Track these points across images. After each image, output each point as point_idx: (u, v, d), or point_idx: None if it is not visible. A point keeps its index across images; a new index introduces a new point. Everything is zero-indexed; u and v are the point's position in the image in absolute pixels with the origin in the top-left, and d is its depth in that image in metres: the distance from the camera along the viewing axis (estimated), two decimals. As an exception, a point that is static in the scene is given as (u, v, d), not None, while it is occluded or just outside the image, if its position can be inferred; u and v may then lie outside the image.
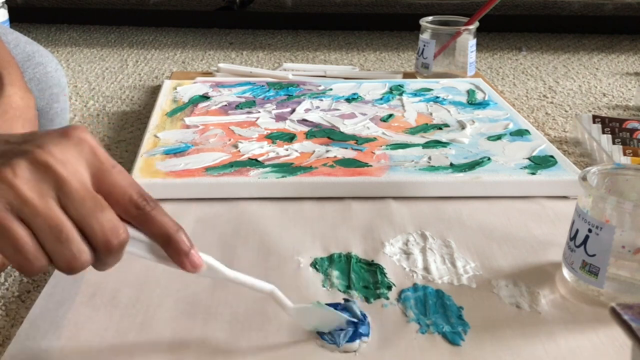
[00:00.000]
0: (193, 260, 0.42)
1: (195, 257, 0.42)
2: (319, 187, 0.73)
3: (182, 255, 0.42)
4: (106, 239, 0.39)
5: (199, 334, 0.51)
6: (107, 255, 0.40)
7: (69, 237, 0.38)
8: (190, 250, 0.42)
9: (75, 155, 0.39)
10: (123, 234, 0.39)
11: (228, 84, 1.06)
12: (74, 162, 0.39)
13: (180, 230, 0.42)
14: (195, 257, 0.42)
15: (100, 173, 0.40)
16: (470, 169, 0.76)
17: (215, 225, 0.67)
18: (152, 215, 0.41)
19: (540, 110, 1.11)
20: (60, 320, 0.52)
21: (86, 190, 0.39)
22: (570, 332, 0.51)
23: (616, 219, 0.52)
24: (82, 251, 0.38)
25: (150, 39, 1.59)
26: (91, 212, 0.38)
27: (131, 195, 0.40)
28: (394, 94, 1.01)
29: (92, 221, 0.38)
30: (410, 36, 1.57)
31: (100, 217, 0.38)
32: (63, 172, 0.38)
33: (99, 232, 0.39)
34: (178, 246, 0.41)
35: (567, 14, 1.82)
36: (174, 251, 0.42)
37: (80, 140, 0.39)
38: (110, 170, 0.40)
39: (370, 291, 0.56)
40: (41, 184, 0.37)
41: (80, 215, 0.38)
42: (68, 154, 0.38)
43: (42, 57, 0.78)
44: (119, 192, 0.40)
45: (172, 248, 0.42)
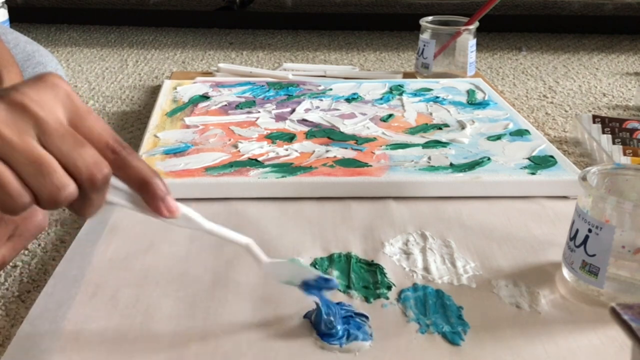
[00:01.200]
0: (169, 204, 0.42)
1: (171, 202, 0.42)
2: (319, 187, 0.73)
3: (157, 199, 0.42)
4: (90, 173, 0.38)
5: (198, 334, 0.51)
6: (92, 190, 0.39)
7: (51, 169, 0.37)
8: (166, 195, 0.42)
9: (52, 98, 0.39)
10: (106, 169, 0.39)
11: (228, 84, 1.06)
12: (50, 103, 0.38)
13: (156, 176, 0.42)
14: (171, 202, 0.42)
15: (76, 117, 0.39)
16: (470, 169, 0.76)
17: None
18: (129, 160, 0.40)
19: (540, 110, 1.11)
20: (60, 320, 0.52)
21: (64, 128, 0.38)
22: (570, 332, 0.51)
23: (616, 219, 0.52)
24: (65, 183, 0.38)
25: (150, 39, 1.59)
26: (72, 148, 0.38)
27: (107, 140, 0.40)
28: (394, 94, 1.01)
29: (74, 156, 0.38)
30: (410, 36, 1.57)
31: (83, 152, 0.38)
32: (40, 112, 0.37)
33: (82, 166, 0.38)
34: (154, 190, 0.41)
35: (567, 14, 1.82)
36: (150, 196, 0.42)
37: (55, 84, 0.39)
38: (86, 115, 0.40)
39: (370, 291, 0.56)
40: (19, 123, 0.37)
41: (62, 151, 0.38)
42: (44, 95, 0.38)
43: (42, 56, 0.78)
44: (95, 136, 0.39)
45: (149, 192, 0.41)
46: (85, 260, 0.60)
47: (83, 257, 0.61)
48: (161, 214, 0.42)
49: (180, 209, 0.44)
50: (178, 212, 0.43)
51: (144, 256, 0.61)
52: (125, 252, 0.62)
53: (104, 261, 0.60)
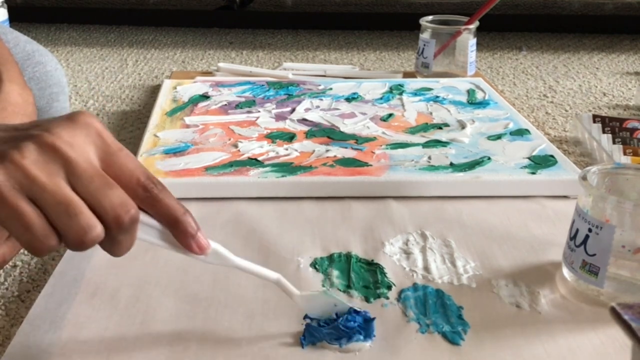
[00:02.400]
0: (200, 242, 0.43)
1: (201, 239, 0.43)
2: (319, 187, 0.73)
3: (189, 237, 0.42)
4: (116, 214, 0.38)
5: (198, 334, 0.51)
6: (119, 232, 0.39)
7: (78, 211, 0.37)
8: (197, 232, 0.43)
9: (83, 138, 0.39)
10: (133, 210, 0.39)
11: (228, 83, 1.06)
12: (81, 144, 0.39)
13: (187, 213, 0.42)
14: (202, 239, 0.43)
15: (107, 156, 0.40)
16: (470, 168, 0.76)
17: (215, 225, 0.67)
18: (160, 198, 0.41)
19: (540, 109, 1.11)
20: (60, 320, 0.52)
21: (94, 169, 0.39)
22: (570, 332, 0.51)
23: (616, 219, 0.52)
24: (92, 225, 0.38)
25: (150, 38, 1.59)
26: (100, 189, 0.38)
27: (139, 177, 0.40)
28: (394, 94, 1.01)
29: (101, 198, 0.38)
30: (410, 36, 1.57)
31: (110, 194, 0.38)
32: (71, 153, 0.38)
33: (109, 207, 0.38)
34: (185, 228, 0.42)
35: (567, 13, 1.82)
36: (181, 233, 0.42)
37: (86, 124, 0.40)
38: (117, 152, 0.40)
39: (370, 291, 0.56)
40: (49, 164, 0.37)
41: (89, 192, 0.38)
42: (75, 136, 0.39)
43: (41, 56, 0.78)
44: (127, 174, 0.40)
45: (179, 230, 0.42)
46: (85, 260, 0.60)
47: (83, 257, 0.61)
48: (192, 252, 0.43)
49: (211, 245, 0.44)
50: (209, 249, 0.44)
51: (144, 256, 0.61)
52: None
53: (103, 261, 0.60)
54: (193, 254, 0.43)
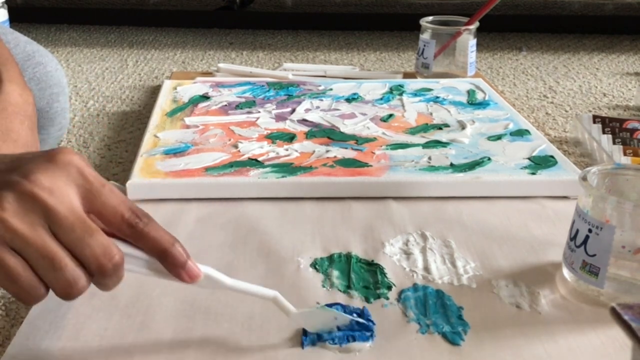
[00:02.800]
0: (190, 272, 0.43)
1: (192, 268, 0.43)
2: (319, 187, 0.73)
3: (178, 267, 0.42)
4: (99, 264, 0.39)
5: (198, 334, 0.51)
6: (103, 278, 0.40)
7: (62, 265, 0.38)
8: (187, 262, 0.42)
9: (63, 180, 0.39)
10: (116, 256, 0.40)
11: (228, 84, 1.06)
12: (61, 188, 0.38)
13: (175, 244, 0.42)
14: (192, 268, 0.43)
15: (90, 195, 0.39)
16: (470, 169, 0.76)
17: (215, 225, 0.67)
18: (146, 232, 0.41)
19: (540, 110, 1.11)
20: (60, 320, 0.52)
21: (75, 216, 0.38)
22: (570, 332, 0.51)
23: (616, 219, 0.52)
24: (77, 277, 0.39)
25: (150, 39, 1.59)
26: (81, 238, 0.38)
27: (123, 213, 0.40)
28: (394, 94, 1.01)
29: (83, 247, 0.38)
30: (410, 36, 1.57)
31: (91, 243, 0.39)
32: (50, 201, 0.38)
33: (91, 257, 0.39)
34: (174, 260, 0.42)
35: (567, 14, 1.82)
36: (171, 265, 0.42)
37: (66, 163, 0.39)
38: (100, 190, 0.40)
39: (370, 291, 0.56)
40: (30, 214, 0.37)
41: (71, 242, 0.38)
42: (55, 180, 0.38)
43: (42, 56, 0.78)
44: (111, 211, 0.40)
45: (169, 262, 0.42)
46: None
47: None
48: (183, 281, 0.43)
49: (202, 270, 0.44)
50: (200, 277, 0.43)
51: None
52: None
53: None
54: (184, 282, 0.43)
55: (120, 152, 0.93)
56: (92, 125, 1.03)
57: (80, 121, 1.04)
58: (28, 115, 0.60)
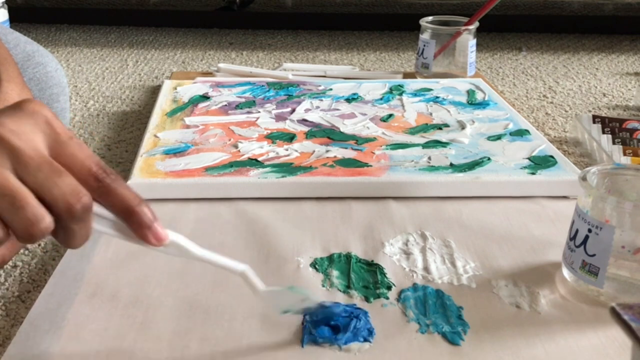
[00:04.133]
0: (156, 232, 0.41)
1: (158, 230, 0.41)
2: (319, 187, 0.73)
3: (144, 228, 0.40)
4: (67, 203, 0.37)
5: (198, 334, 0.51)
6: (71, 221, 0.38)
7: (23, 203, 0.36)
8: (153, 223, 0.40)
9: (30, 127, 0.38)
10: (85, 198, 0.37)
11: (228, 84, 1.06)
12: (28, 133, 0.37)
13: (142, 203, 0.40)
14: (159, 230, 0.41)
15: (56, 144, 0.38)
16: (470, 169, 0.76)
17: (215, 225, 0.67)
18: (113, 188, 0.39)
19: (540, 110, 1.11)
20: (60, 320, 0.52)
21: (42, 157, 0.37)
22: (570, 332, 0.51)
23: (616, 219, 0.52)
24: (40, 215, 0.36)
25: (150, 39, 1.59)
26: (48, 178, 0.37)
27: (90, 166, 0.38)
28: (394, 94, 1.01)
29: (50, 186, 0.37)
30: (410, 36, 1.57)
31: (59, 182, 0.37)
32: (16, 142, 0.36)
33: (59, 196, 0.37)
34: (140, 219, 0.40)
35: (567, 14, 1.82)
36: (136, 224, 0.40)
37: (34, 111, 0.38)
38: (67, 141, 0.38)
39: (370, 291, 0.56)
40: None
41: (38, 182, 0.36)
42: (22, 125, 0.37)
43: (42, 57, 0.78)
44: (77, 163, 0.38)
45: (134, 221, 0.40)
46: (85, 260, 0.60)
47: (83, 256, 0.61)
48: (149, 243, 0.41)
49: (170, 236, 0.42)
50: (166, 240, 0.41)
51: (144, 256, 0.61)
52: (125, 251, 0.62)
53: (104, 261, 0.60)
54: (150, 245, 0.41)
55: (120, 152, 0.93)
56: (92, 125, 1.03)
57: (80, 121, 1.04)
58: None
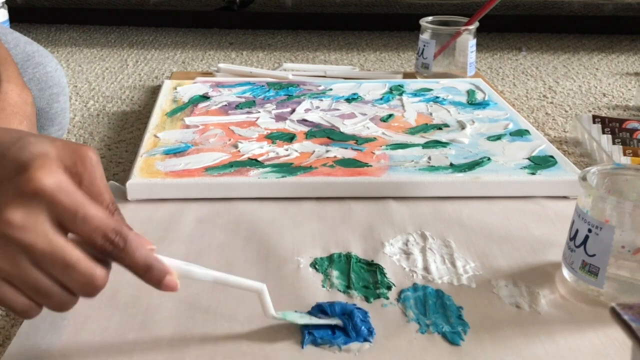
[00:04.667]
0: (168, 285, 0.44)
1: (169, 284, 0.44)
2: (319, 187, 0.73)
3: (157, 284, 0.43)
4: (84, 292, 0.41)
5: (198, 334, 0.51)
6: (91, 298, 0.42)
7: (50, 293, 0.40)
8: (162, 282, 0.43)
9: (34, 213, 0.38)
10: (99, 283, 0.41)
11: (228, 84, 1.06)
12: (34, 222, 0.38)
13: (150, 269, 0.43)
14: (170, 284, 0.44)
15: (65, 220, 0.39)
16: (470, 169, 0.76)
17: (215, 225, 0.67)
18: (121, 257, 0.41)
19: (540, 110, 1.11)
20: (60, 320, 0.52)
21: (52, 250, 0.39)
22: (570, 332, 0.51)
23: (616, 219, 0.52)
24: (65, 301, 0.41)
25: (150, 39, 1.59)
26: (63, 273, 0.39)
27: (95, 241, 0.40)
28: (394, 94, 1.01)
29: (66, 280, 0.40)
30: (410, 36, 1.57)
31: (73, 275, 0.40)
32: (26, 239, 0.38)
33: (76, 288, 0.41)
34: (150, 281, 0.43)
35: (567, 14, 1.82)
36: (150, 282, 0.43)
37: (36, 193, 0.38)
38: (71, 220, 0.39)
39: (370, 291, 0.56)
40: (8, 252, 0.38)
41: (54, 275, 0.40)
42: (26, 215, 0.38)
43: (42, 57, 0.78)
44: (88, 235, 0.40)
45: (147, 280, 0.43)
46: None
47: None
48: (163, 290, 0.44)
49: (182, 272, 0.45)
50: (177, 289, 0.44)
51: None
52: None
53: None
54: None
55: (120, 152, 0.93)
56: (92, 125, 1.03)
57: (80, 121, 1.04)
58: (27, 116, 0.59)
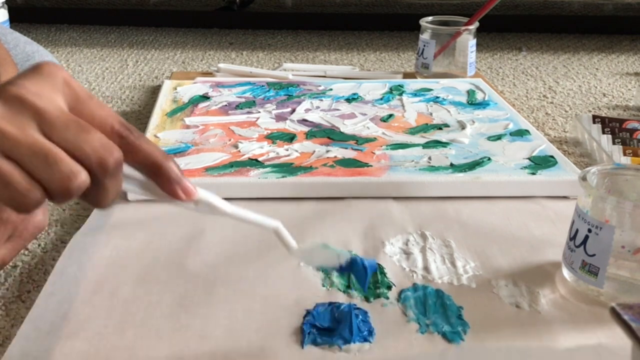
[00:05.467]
0: (186, 187, 0.41)
1: (187, 184, 0.41)
2: (319, 188, 0.73)
3: (172, 182, 0.40)
4: (100, 158, 0.36)
5: (198, 332, 0.51)
6: (104, 176, 0.37)
7: (57, 158, 0.36)
8: (181, 177, 0.40)
9: (49, 87, 0.37)
10: (116, 152, 0.37)
11: (228, 84, 1.06)
12: (48, 93, 0.37)
13: (169, 158, 0.40)
14: (188, 184, 0.41)
15: (77, 103, 0.38)
16: (470, 169, 0.76)
17: (215, 225, 0.67)
18: (138, 144, 0.39)
19: (540, 110, 1.11)
20: (60, 320, 0.52)
21: (67, 115, 0.37)
22: (570, 332, 0.51)
23: (616, 219, 0.52)
24: (76, 171, 0.36)
25: (150, 39, 1.59)
26: (77, 135, 0.36)
27: (112, 124, 0.38)
28: (394, 94, 1.01)
29: (81, 143, 0.36)
30: (410, 36, 1.57)
31: (89, 138, 0.36)
32: (39, 103, 0.36)
33: (91, 152, 0.36)
34: (168, 174, 0.40)
35: (567, 14, 1.82)
36: (165, 179, 0.40)
37: (52, 73, 0.38)
38: (87, 100, 0.38)
39: (370, 291, 0.56)
40: (19, 117, 0.36)
41: (67, 140, 0.36)
42: (41, 86, 0.37)
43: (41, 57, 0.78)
44: (100, 121, 0.38)
45: (162, 176, 0.40)
46: (84, 257, 0.60)
47: (82, 254, 0.61)
48: (178, 198, 0.41)
49: (199, 192, 0.42)
50: (195, 195, 0.41)
51: (144, 254, 0.61)
52: (125, 249, 0.62)
53: (104, 259, 0.60)
54: (179, 200, 0.41)
55: (120, 152, 0.92)
56: (92, 125, 1.03)
57: (80, 121, 1.04)
58: None
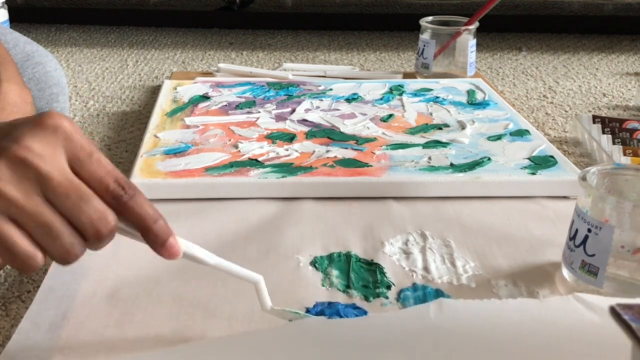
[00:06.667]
0: (170, 249, 0.43)
1: (172, 246, 0.43)
2: (319, 187, 0.73)
3: (158, 245, 0.42)
4: (95, 230, 0.39)
5: (198, 332, 0.51)
6: (99, 243, 0.40)
7: (59, 233, 0.38)
8: (167, 241, 0.42)
9: (52, 145, 0.39)
10: (111, 222, 0.40)
11: (228, 84, 1.06)
12: (51, 153, 0.38)
13: (157, 221, 0.42)
14: (173, 246, 0.43)
15: (77, 162, 0.39)
16: (470, 169, 0.76)
17: (215, 225, 0.67)
18: (130, 206, 0.41)
19: (540, 110, 1.11)
20: (60, 319, 0.52)
21: (68, 182, 0.38)
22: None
23: (615, 219, 0.52)
24: (74, 244, 0.39)
25: (150, 39, 1.59)
26: (76, 205, 0.38)
27: (107, 185, 0.40)
28: (394, 94, 1.01)
29: (79, 214, 0.39)
30: (410, 36, 1.57)
31: (87, 209, 0.39)
32: (43, 167, 0.38)
33: (88, 224, 0.39)
34: (155, 237, 0.42)
35: (567, 14, 1.82)
36: (151, 241, 0.42)
37: (55, 127, 0.39)
38: (86, 159, 0.40)
39: (369, 290, 0.56)
40: (24, 181, 0.37)
41: (67, 208, 0.38)
42: (45, 145, 0.38)
43: (41, 56, 0.78)
44: (96, 181, 0.40)
45: (149, 238, 0.42)
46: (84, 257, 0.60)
47: (83, 256, 0.61)
48: (163, 257, 0.43)
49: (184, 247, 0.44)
50: (179, 254, 0.44)
51: (144, 254, 0.61)
52: (125, 249, 0.62)
53: (103, 259, 0.60)
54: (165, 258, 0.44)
55: (120, 152, 0.93)
56: (92, 125, 1.03)
57: (80, 121, 1.04)
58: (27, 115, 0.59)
